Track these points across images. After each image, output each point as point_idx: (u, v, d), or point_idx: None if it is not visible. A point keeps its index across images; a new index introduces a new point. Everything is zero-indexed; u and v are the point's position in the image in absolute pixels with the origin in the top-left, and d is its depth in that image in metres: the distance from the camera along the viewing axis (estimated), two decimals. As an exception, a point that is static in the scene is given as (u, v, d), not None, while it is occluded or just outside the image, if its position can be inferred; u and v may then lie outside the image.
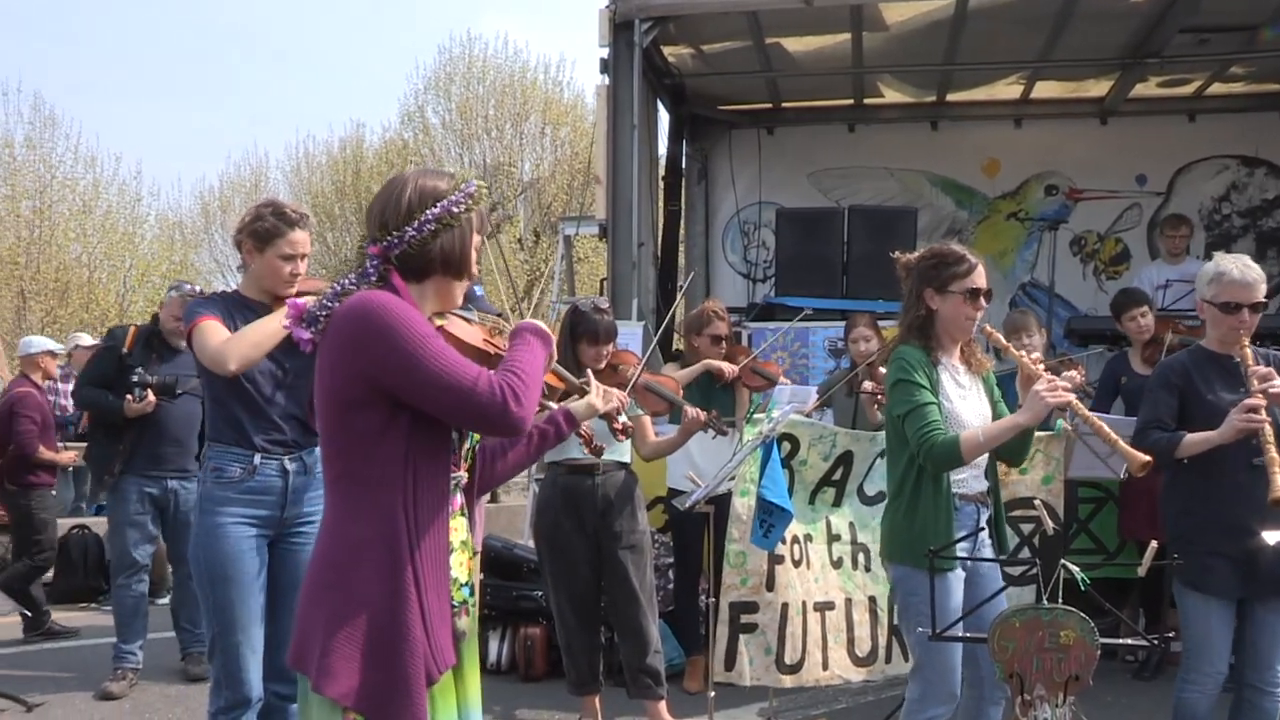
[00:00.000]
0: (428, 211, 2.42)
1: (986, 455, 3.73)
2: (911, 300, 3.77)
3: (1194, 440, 3.93)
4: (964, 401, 3.69)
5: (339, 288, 2.41)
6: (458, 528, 2.50)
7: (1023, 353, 3.65)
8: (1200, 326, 4.41)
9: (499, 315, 4.39)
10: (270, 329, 3.57)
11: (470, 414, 2.33)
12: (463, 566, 2.51)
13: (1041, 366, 3.61)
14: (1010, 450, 3.74)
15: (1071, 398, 3.46)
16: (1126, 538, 6.22)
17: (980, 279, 3.69)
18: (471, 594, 2.56)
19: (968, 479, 3.69)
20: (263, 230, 3.71)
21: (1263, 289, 4.03)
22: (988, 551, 3.78)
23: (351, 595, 2.30)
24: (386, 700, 2.29)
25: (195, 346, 3.63)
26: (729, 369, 5.94)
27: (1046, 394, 3.41)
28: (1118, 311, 6.57)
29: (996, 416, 3.76)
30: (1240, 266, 4.02)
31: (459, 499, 2.52)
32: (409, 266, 2.45)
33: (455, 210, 2.46)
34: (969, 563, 3.65)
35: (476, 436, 2.60)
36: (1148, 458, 3.41)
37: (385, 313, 2.30)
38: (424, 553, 2.36)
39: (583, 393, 2.96)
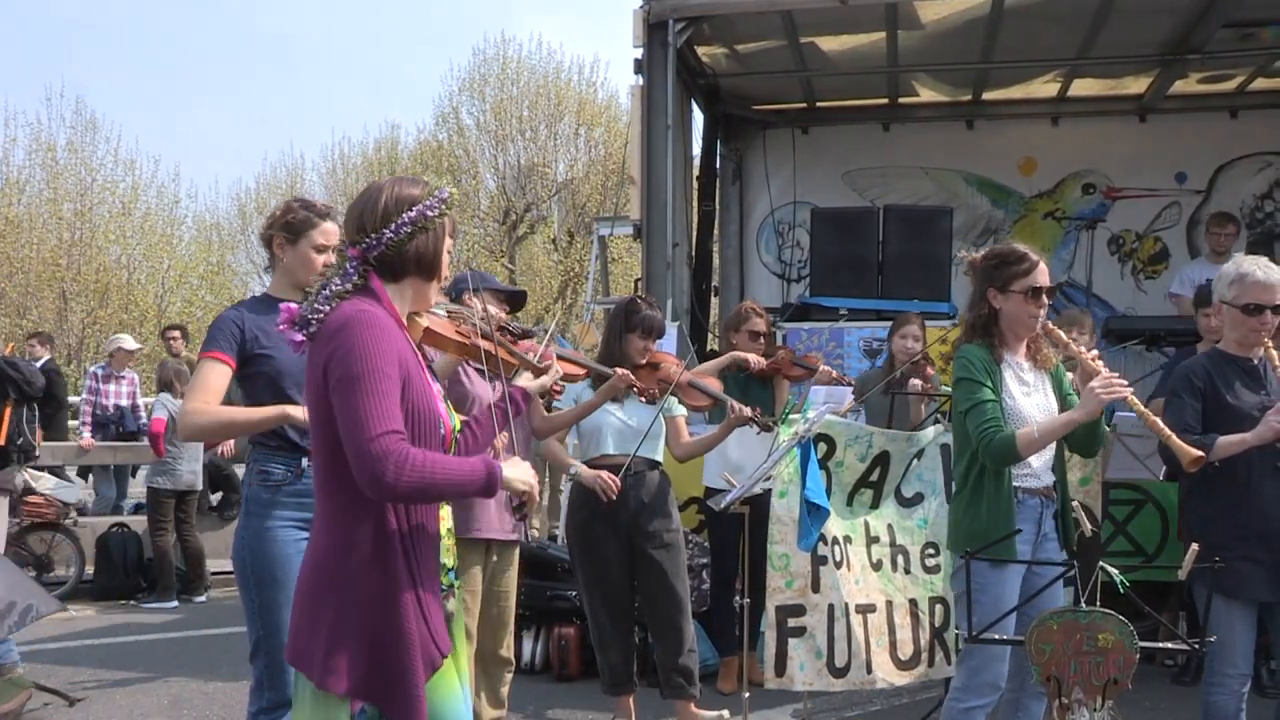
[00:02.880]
0: (403, 215, 2.53)
1: (1053, 449, 3.79)
2: (976, 300, 3.83)
3: (1227, 443, 3.88)
4: (1028, 398, 3.73)
5: (328, 291, 2.51)
6: (444, 516, 2.65)
7: (1082, 349, 3.66)
8: None
9: (505, 291, 4.42)
10: (243, 421, 3.62)
11: (353, 451, 2.36)
12: (448, 552, 2.66)
13: (1096, 354, 3.65)
14: (1080, 443, 3.79)
15: (1128, 393, 3.48)
16: (1181, 541, 6.12)
17: (1042, 277, 3.71)
18: (456, 577, 2.72)
19: (1034, 472, 3.74)
20: (295, 222, 3.73)
21: None
22: (1051, 546, 3.79)
23: (348, 594, 2.44)
24: (387, 689, 2.43)
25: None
26: (754, 359, 5.89)
27: (1101, 390, 3.45)
28: (1199, 304, 6.36)
29: (1065, 410, 3.76)
30: (1263, 268, 3.98)
31: None
32: (386, 267, 2.56)
33: (429, 214, 2.56)
34: (1030, 555, 3.69)
35: (458, 425, 2.70)
36: (1199, 453, 3.46)
37: (357, 333, 2.41)
38: (415, 547, 2.50)
39: (537, 371, 3.05)
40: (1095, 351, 3.70)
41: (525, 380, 2.98)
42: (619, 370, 4.48)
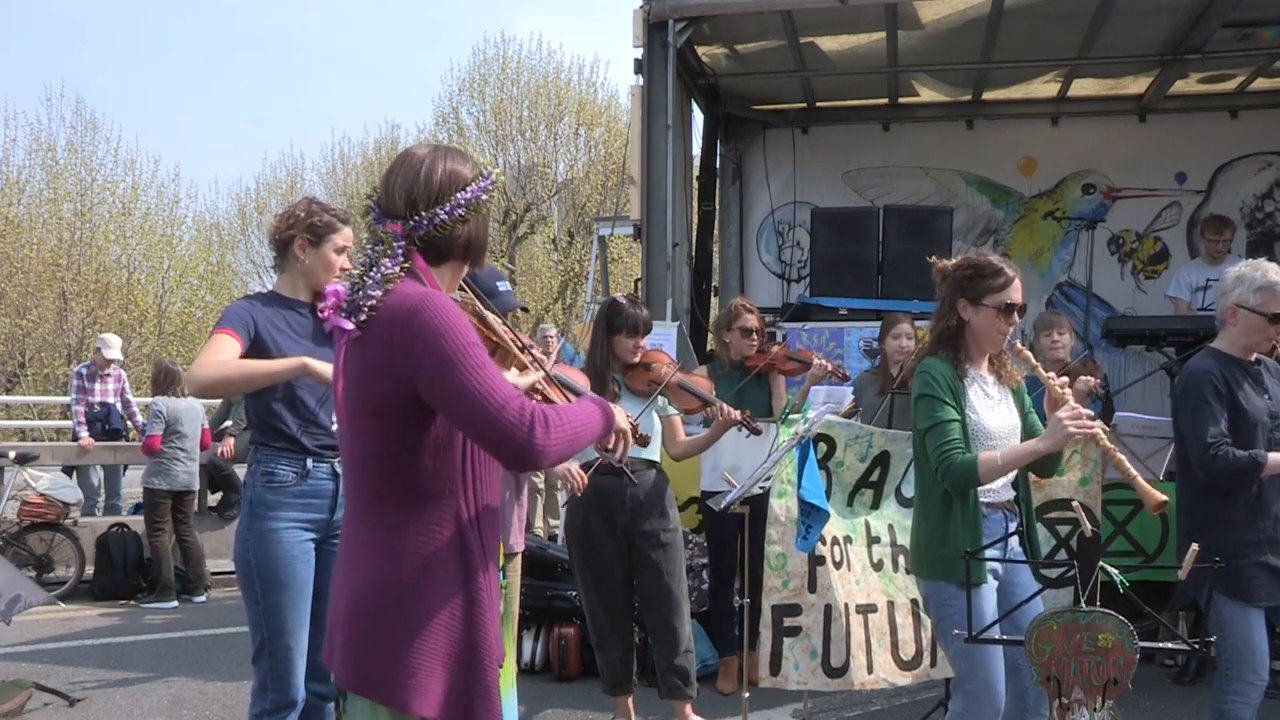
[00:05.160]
0: (458, 196, 2.34)
1: None
2: (944, 309, 3.69)
3: (1278, 461, 3.88)
4: (992, 413, 3.62)
5: (378, 274, 2.28)
6: None
7: (1050, 375, 3.56)
8: None
9: (522, 308, 4.35)
10: (257, 370, 3.55)
11: (492, 433, 2.18)
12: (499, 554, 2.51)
13: (1064, 381, 3.56)
14: (1040, 466, 3.69)
15: (1095, 430, 3.37)
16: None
17: (1016, 294, 3.60)
18: (504, 577, 2.57)
19: (996, 487, 3.63)
20: (320, 225, 3.76)
21: None
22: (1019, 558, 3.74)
23: (426, 609, 2.25)
24: (471, 706, 2.28)
25: None
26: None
27: (1070, 423, 3.32)
28: None
29: (1027, 428, 3.70)
30: None
31: None
32: (432, 249, 2.36)
33: (483, 198, 2.38)
34: (1001, 573, 3.60)
35: None
36: (1164, 498, 3.34)
37: (434, 315, 2.21)
38: (488, 550, 2.34)
39: (522, 368, 2.84)
40: (1065, 380, 3.63)
41: (511, 377, 2.81)
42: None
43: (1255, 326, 4.00)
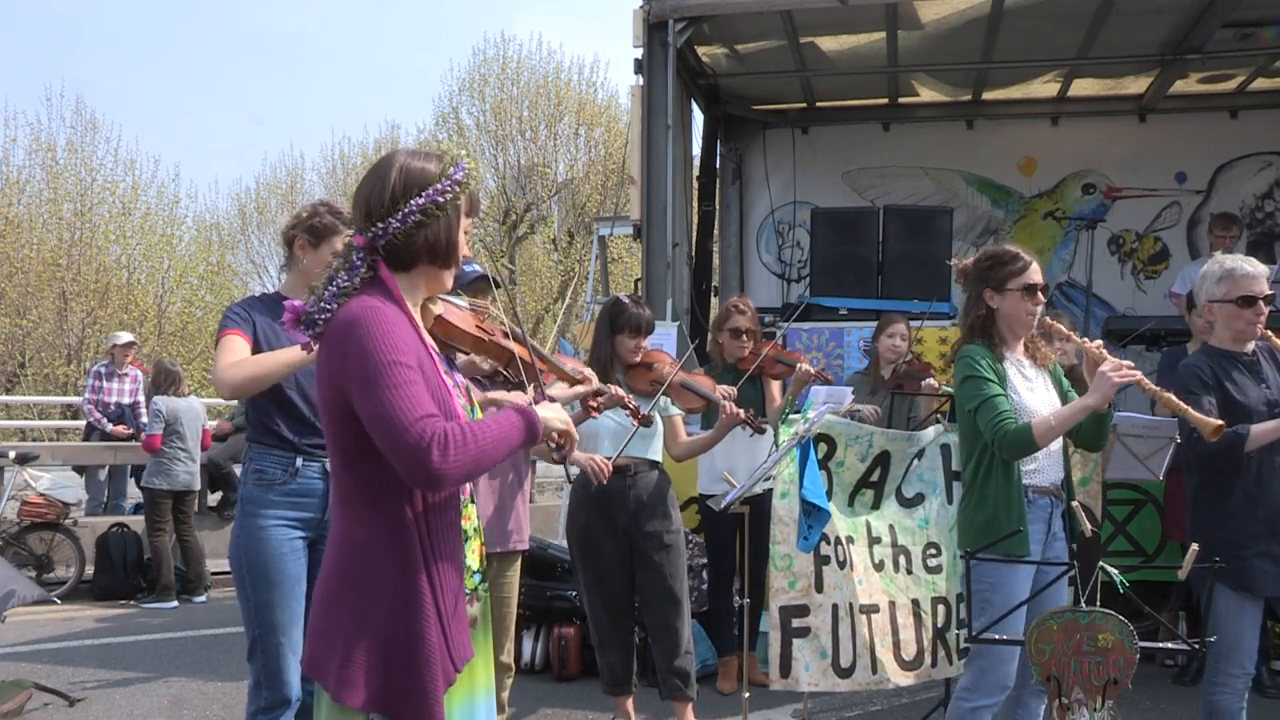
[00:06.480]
0: (412, 202, 2.33)
1: (1060, 446, 3.82)
2: (972, 302, 3.87)
3: (1263, 430, 3.92)
4: (1032, 394, 3.76)
5: (334, 287, 2.33)
6: (469, 515, 2.51)
7: (1085, 339, 3.69)
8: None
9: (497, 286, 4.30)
10: (280, 361, 3.56)
11: (395, 453, 2.22)
12: (474, 554, 2.52)
13: (1099, 342, 3.66)
14: (1089, 435, 3.79)
15: (1138, 375, 3.51)
16: (1173, 540, 6.13)
17: (1036, 275, 3.78)
18: (482, 580, 2.58)
19: (1042, 469, 3.76)
20: (320, 226, 3.74)
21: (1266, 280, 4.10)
22: (1060, 546, 3.81)
23: (366, 603, 2.29)
24: (404, 703, 2.29)
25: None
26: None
27: (1112, 374, 3.49)
28: (1192, 305, 6.35)
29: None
30: (1248, 261, 4.08)
31: (468, 486, 2.50)
32: (395, 258, 2.38)
33: (441, 200, 2.36)
34: (1040, 554, 3.70)
35: (479, 416, 2.52)
36: (1219, 422, 3.52)
37: (365, 331, 2.25)
38: (437, 553, 2.35)
39: (572, 380, 2.85)
40: (1099, 341, 3.71)
41: (558, 390, 2.72)
42: (612, 388, 4.39)
43: (1231, 315, 4.08)
